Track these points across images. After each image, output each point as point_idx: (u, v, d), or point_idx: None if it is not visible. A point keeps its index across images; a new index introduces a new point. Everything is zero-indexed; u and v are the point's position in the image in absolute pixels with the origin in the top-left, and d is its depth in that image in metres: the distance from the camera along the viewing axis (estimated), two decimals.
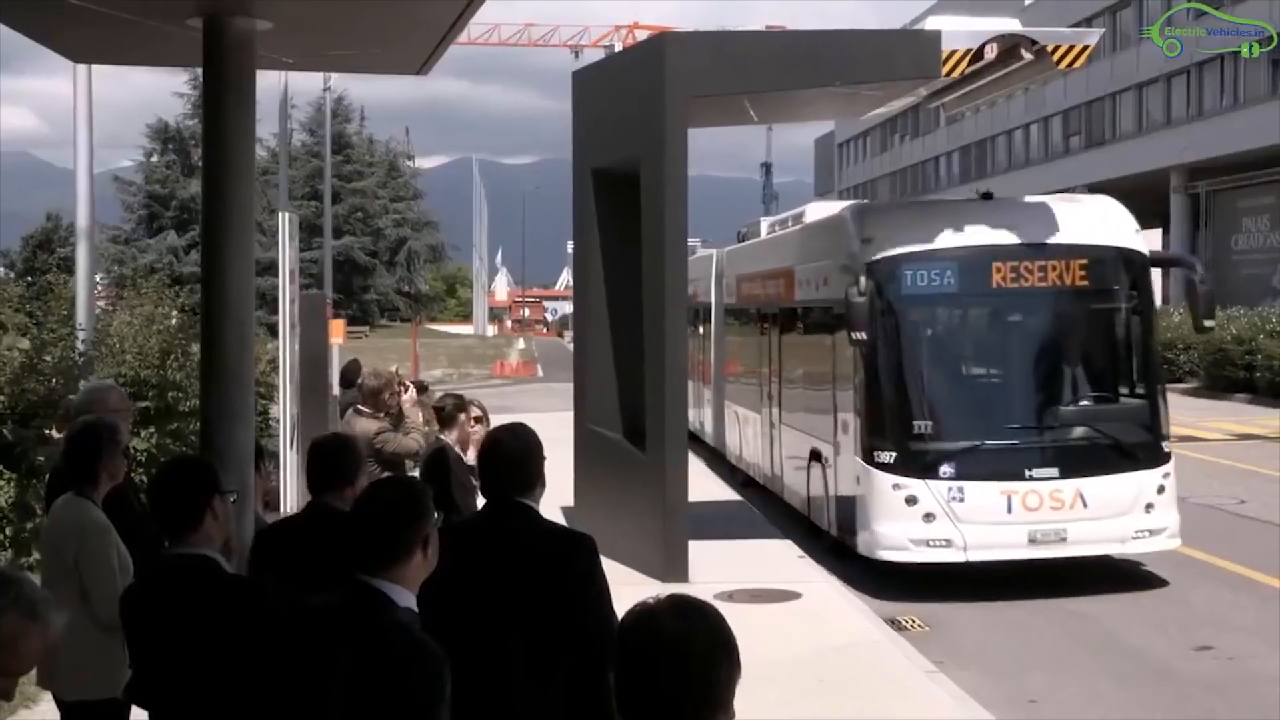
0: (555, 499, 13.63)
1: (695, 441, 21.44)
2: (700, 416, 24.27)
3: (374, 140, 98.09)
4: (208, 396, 6.98)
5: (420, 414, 11.21)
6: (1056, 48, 13.50)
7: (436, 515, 4.12)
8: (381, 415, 10.54)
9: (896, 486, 12.87)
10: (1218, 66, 50.26)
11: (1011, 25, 14.19)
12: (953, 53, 13.18)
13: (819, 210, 18.55)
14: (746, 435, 20.15)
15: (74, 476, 6.02)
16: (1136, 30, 54.65)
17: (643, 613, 2.78)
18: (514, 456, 4.88)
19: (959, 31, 13.45)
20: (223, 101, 6.93)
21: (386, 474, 9.46)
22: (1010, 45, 13.38)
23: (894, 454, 13.00)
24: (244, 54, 6.88)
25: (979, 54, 13.24)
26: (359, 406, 10.69)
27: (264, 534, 5.82)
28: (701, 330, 24.35)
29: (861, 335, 12.71)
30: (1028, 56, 13.36)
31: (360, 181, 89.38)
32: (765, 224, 23.88)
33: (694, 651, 2.71)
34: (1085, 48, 13.62)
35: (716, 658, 2.74)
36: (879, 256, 13.15)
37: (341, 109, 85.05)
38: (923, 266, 13.18)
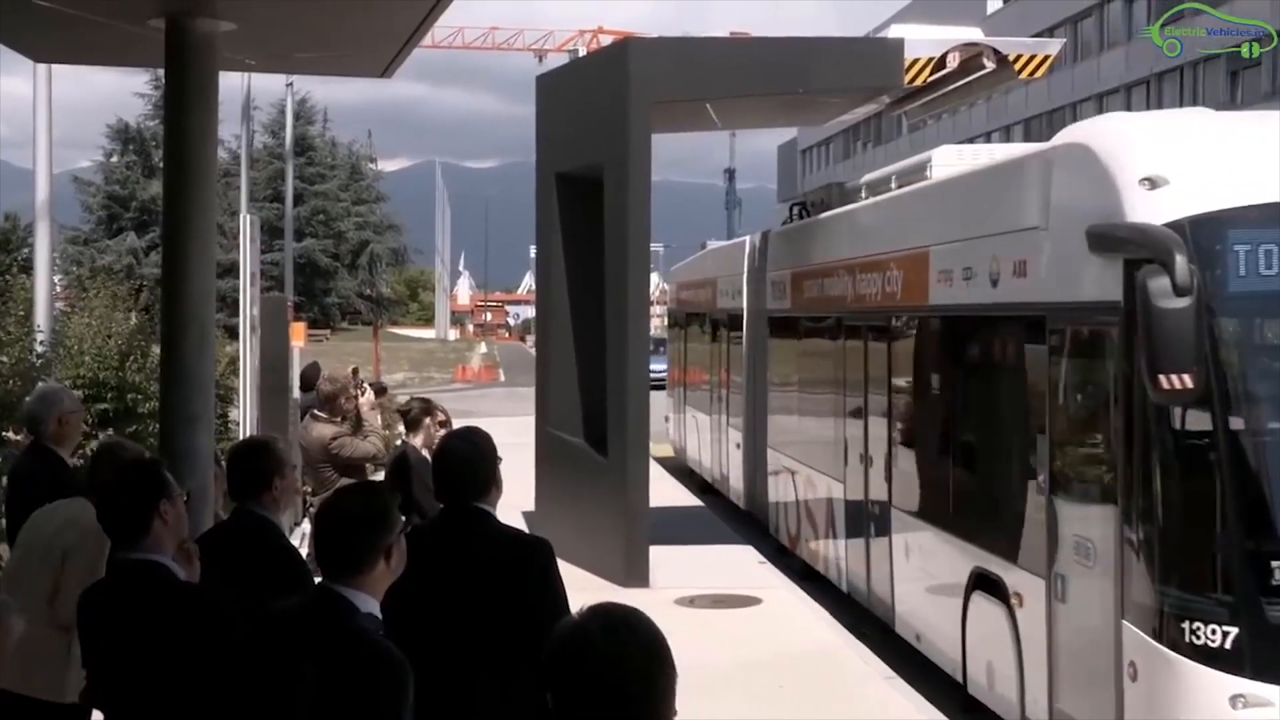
0: (517, 503, 13.65)
1: (713, 494, 19.61)
2: (722, 464, 19.29)
3: (337, 142, 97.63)
4: (167, 399, 6.96)
5: (379, 417, 11.16)
6: (1018, 57, 13.61)
7: (402, 521, 4.11)
8: (339, 420, 10.48)
9: (1240, 701, 6.48)
10: (1177, 77, 50.65)
11: (974, 34, 14.30)
12: (915, 61, 13.26)
13: (955, 155, 11.94)
14: (815, 513, 13.90)
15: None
16: (1097, 39, 55.07)
17: (572, 633, 2.67)
18: (468, 462, 4.87)
19: (922, 40, 13.54)
20: (185, 103, 6.91)
21: (344, 479, 9.44)
22: (973, 54, 13.48)
23: (1233, 630, 6.52)
24: (206, 55, 6.87)
25: (941, 62, 13.33)
26: (315, 411, 10.64)
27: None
28: (727, 349, 18.92)
29: (1175, 378, 6.42)
30: (990, 65, 13.46)
31: (322, 184, 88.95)
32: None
33: (631, 670, 2.62)
34: (1047, 57, 13.74)
35: (654, 673, 2.64)
36: (1201, 213, 6.89)
37: (304, 111, 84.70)
38: None
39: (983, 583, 9.08)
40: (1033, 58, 13.68)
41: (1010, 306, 8.76)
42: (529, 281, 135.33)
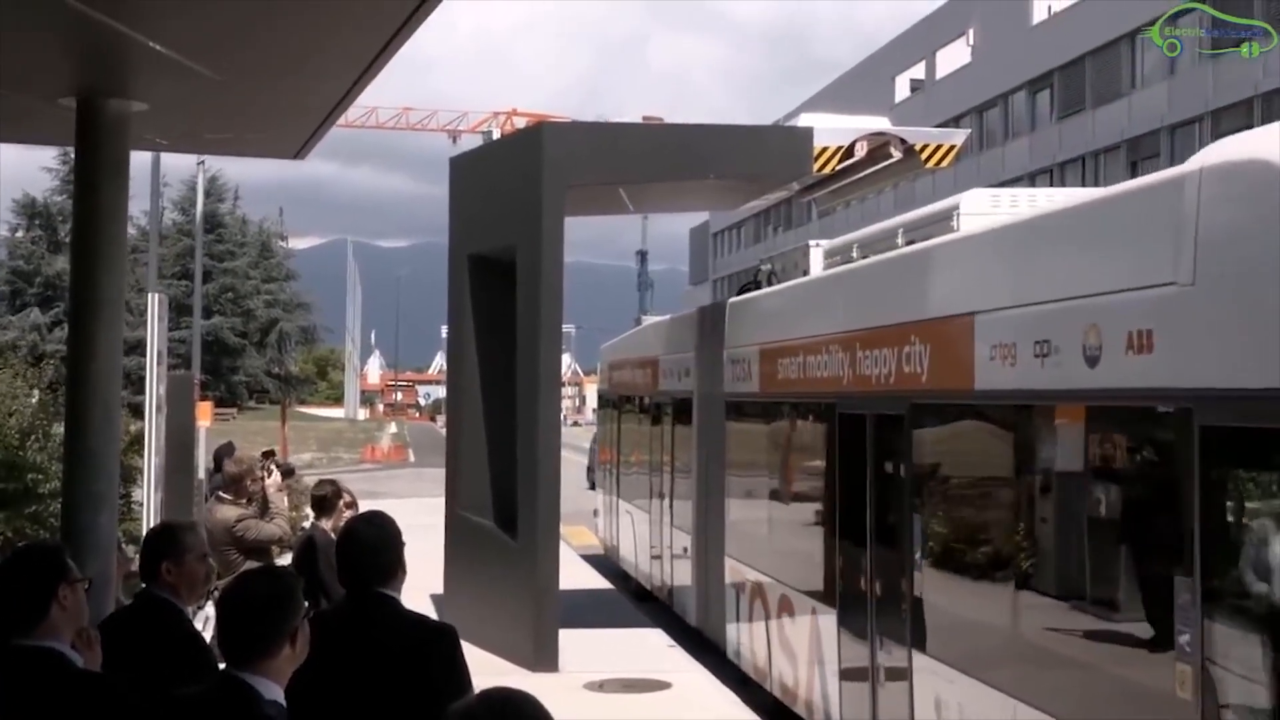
0: (426, 586, 13.53)
1: (652, 602, 17.42)
2: (665, 571, 16.97)
3: (247, 220, 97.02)
4: (70, 479, 6.85)
5: (285, 499, 11.05)
6: (925, 146, 13.90)
7: (306, 605, 4.08)
8: (244, 501, 10.37)
9: None
10: (1079, 166, 51.87)
11: (881, 124, 14.58)
12: (824, 149, 13.50)
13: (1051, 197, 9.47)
14: (795, 645, 11.32)
15: None
16: (1002, 129, 56.29)
17: (459, 717, 2.68)
18: (372, 546, 4.83)
19: (830, 129, 13.79)
20: (95, 182, 6.88)
21: (250, 562, 9.33)
22: (880, 143, 13.74)
23: None
24: (118, 135, 6.85)
25: (850, 151, 13.58)
26: (220, 493, 10.53)
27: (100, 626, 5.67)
28: (672, 437, 16.58)
29: None
30: (897, 155, 13.73)
31: (232, 261, 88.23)
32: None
33: None
34: (953, 147, 14.04)
35: None
36: None
37: (215, 188, 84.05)
38: None
39: None
40: (939, 147, 13.98)
41: (1123, 394, 6.34)
42: (440, 361, 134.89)
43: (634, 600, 17.73)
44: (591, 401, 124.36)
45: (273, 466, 11.66)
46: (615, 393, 21.48)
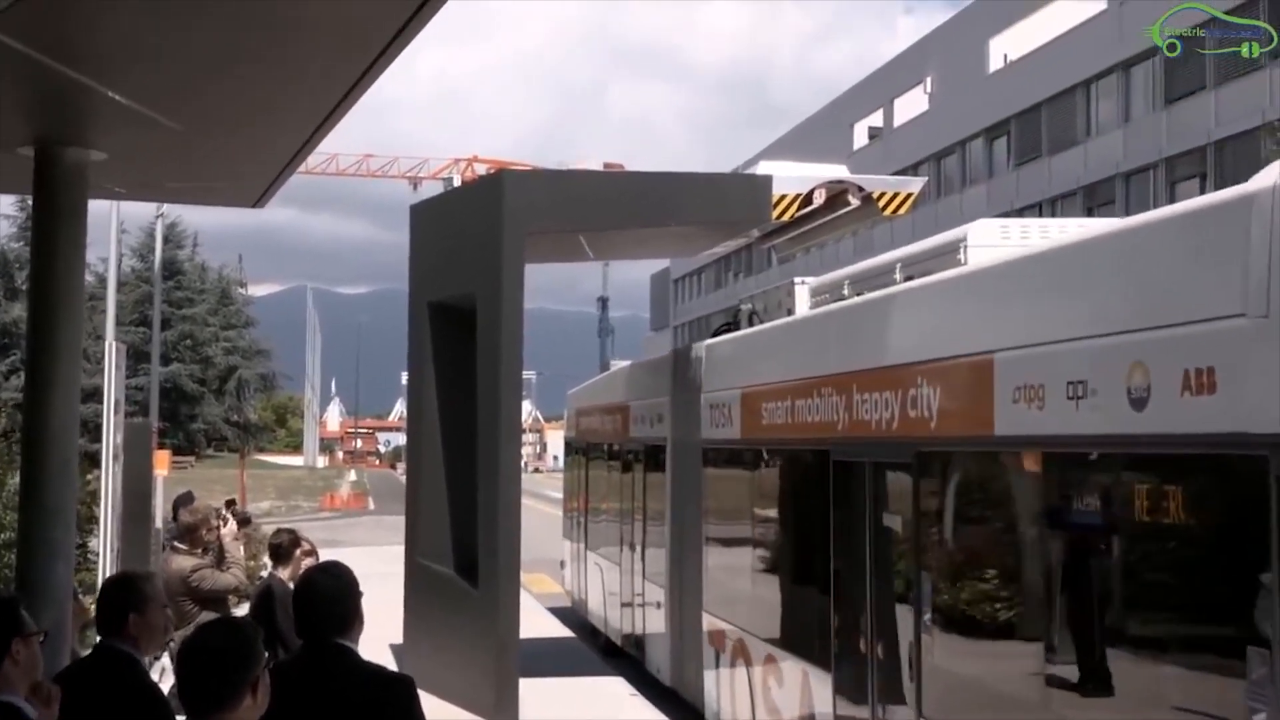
0: (385, 635, 13.44)
1: (621, 658, 16.70)
2: (636, 624, 16.25)
3: (206, 266, 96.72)
4: (26, 529, 6.80)
5: (241, 548, 10.98)
6: (882, 194, 14.00)
7: (265, 656, 4.06)
8: (199, 551, 10.30)
9: None
10: (1036, 213, 52.31)
11: (840, 171, 14.69)
12: (783, 197, 13.57)
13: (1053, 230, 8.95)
14: (784, 713, 10.60)
15: None
16: (959, 176, 56.77)
17: None
18: (329, 596, 4.81)
19: (789, 176, 13.87)
20: (53, 230, 6.87)
21: (205, 613, 9.26)
22: (838, 191, 13.84)
23: None
24: (76, 184, 6.85)
25: (808, 199, 13.66)
26: (175, 543, 10.46)
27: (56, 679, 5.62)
28: (643, 486, 15.97)
29: None
30: (855, 202, 13.83)
31: (191, 308, 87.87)
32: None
33: None
34: (910, 195, 14.15)
35: None
36: None
37: (174, 235, 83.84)
38: None
39: None
40: (896, 195, 14.09)
41: (1178, 440, 5.63)
42: (400, 408, 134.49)
43: (601, 654, 17.50)
44: (553, 448, 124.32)
45: (228, 515, 11.58)
46: (583, 440, 20.85)
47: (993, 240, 8.77)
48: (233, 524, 11.14)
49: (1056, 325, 6.72)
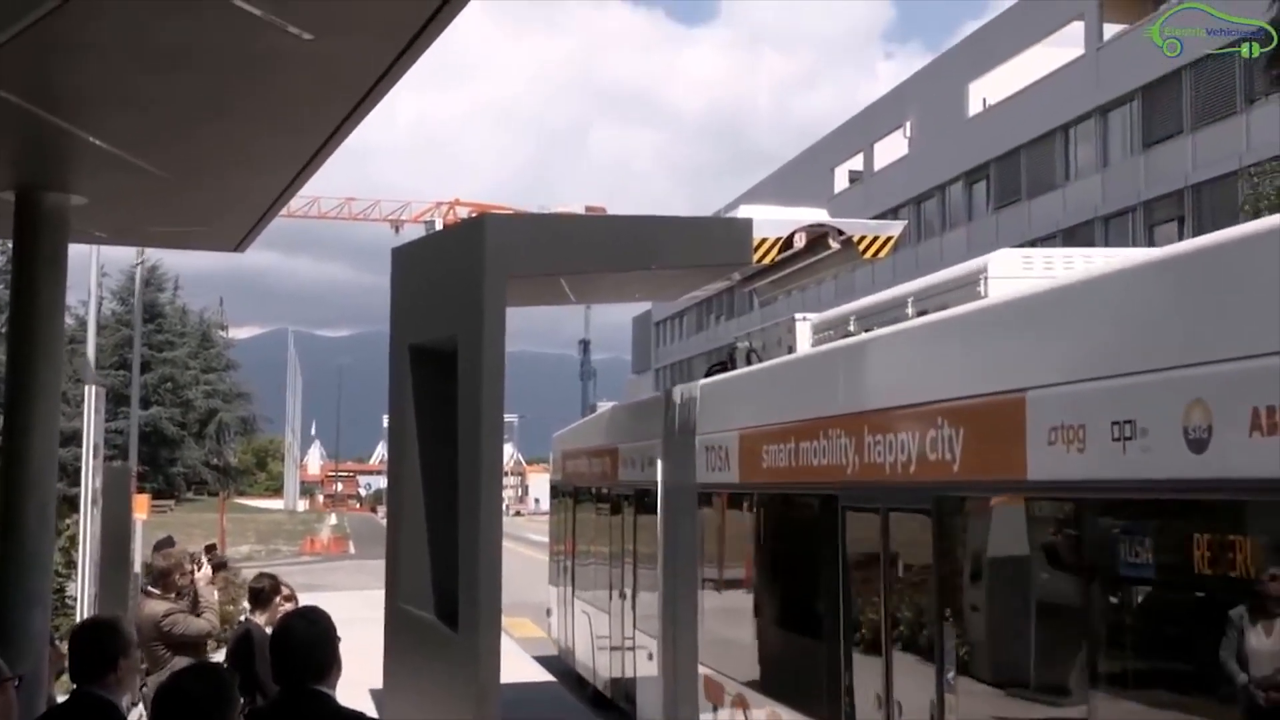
0: (365, 680, 13.36)
1: (610, 709, 16.50)
2: (626, 675, 15.77)
3: (187, 310, 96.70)
4: (3, 577, 6.75)
5: (215, 593, 10.91)
6: (863, 238, 14.03)
7: (241, 702, 4.04)
8: (173, 596, 10.24)
9: None
10: None
11: (820, 215, 14.70)
12: (763, 240, 13.60)
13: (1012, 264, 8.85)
14: None
15: None
16: (940, 220, 57.01)
17: None
18: (307, 642, 4.78)
19: (769, 220, 13.90)
20: (33, 275, 6.86)
21: (179, 658, 9.20)
22: (818, 234, 13.85)
23: None
24: (57, 228, 6.85)
25: (789, 242, 13.68)
26: (148, 587, 10.39)
27: None
28: (634, 531, 15.55)
29: None
30: (835, 246, 13.85)
31: (171, 351, 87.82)
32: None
33: None
34: (890, 238, 14.18)
35: None
36: None
37: (155, 278, 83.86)
38: None
39: None
40: (876, 239, 14.11)
41: (1247, 485, 5.14)
42: (381, 451, 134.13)
43: (590, 705, 17.15)
44: (535, 491, 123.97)
45: (203, 559, 11.48)
46: (570, 483, 20.34)
47: (1015, 271, 8.41)
48: (207, 568, 11.05)
49: (1100, 360, 6.16)
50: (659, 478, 14.06)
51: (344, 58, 5.05)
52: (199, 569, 10.65)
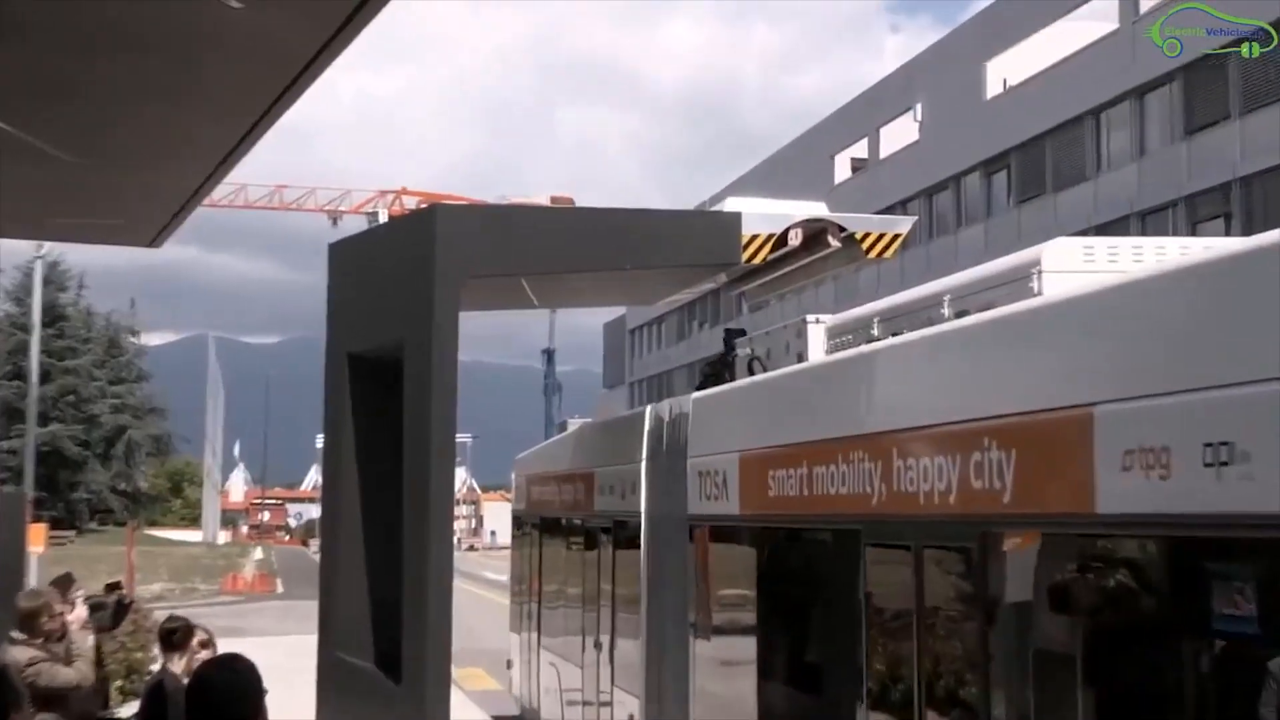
0: None
1: None
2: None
3: (93, 312, 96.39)
4: None
5: (90, 638, 10.85)
6: (866, 235, 14.05)
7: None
8: (39, 641, 10.16)
9: None
10: None
11: (818, 209, 14.73)
12: (754, 237, 13.61)
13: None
14: None
15: None
16: (954, 215, 57.21)
17: None
18: (228, 695, 4.81)
19: (761, 214, 13.91)
20: None
21: (44, 715, 9.14)
22: (816, 231, 13.87)
23: None
24: None
25: (783, 239, 13.70)
26: (13, 633, 10.31)
27: None
28: (612, 570, 15.11)
29: None
30: (835, 244, 13.86)
31: (74, 359, 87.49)
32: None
33: None
34: (897, 235, 14.20)
35: None
36: None
37: (56, 275, 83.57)
38: None
39: None
40: (882, 236, 14.12)
41: None
42: (315, 476, 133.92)
43: None
44: (491, 522, 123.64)
45: (76, 600, 11.36)
46: (535, 513, 19.93)
47: (1074, 264, 8.07)
48: (81, 609, 10.94)
49: (1189, 369, 5.74)
50: (642, 507, 13.69)
51: (276, 30, 5.08)
52: (70, 610, 10.56)
